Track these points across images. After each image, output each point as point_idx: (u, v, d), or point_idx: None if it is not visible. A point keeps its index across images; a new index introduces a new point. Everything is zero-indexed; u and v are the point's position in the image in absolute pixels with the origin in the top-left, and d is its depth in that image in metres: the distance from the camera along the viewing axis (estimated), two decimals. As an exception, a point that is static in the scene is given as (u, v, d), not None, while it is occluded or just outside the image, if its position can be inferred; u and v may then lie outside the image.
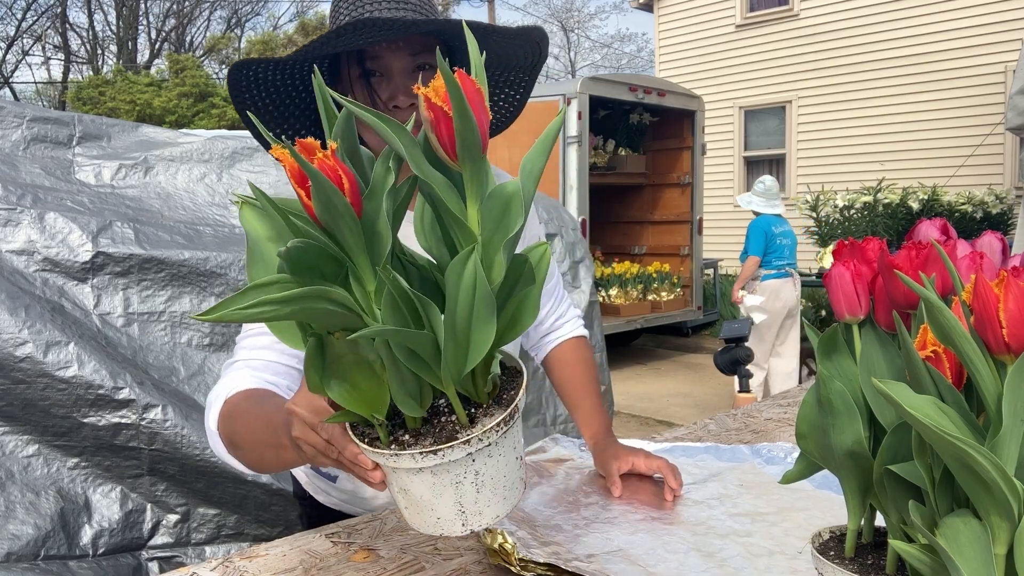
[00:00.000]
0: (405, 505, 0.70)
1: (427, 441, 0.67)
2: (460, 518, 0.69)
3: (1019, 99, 4.30)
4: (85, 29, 25.67)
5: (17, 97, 23.54)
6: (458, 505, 0.68)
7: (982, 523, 0.55)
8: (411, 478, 0.67)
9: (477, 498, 0.68)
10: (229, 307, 0.57)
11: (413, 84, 1.03)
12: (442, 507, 0.68)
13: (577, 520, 1.05)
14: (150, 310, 2.23)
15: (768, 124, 11.53)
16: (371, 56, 1.06)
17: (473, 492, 0.68)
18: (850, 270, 0.69)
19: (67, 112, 2.63)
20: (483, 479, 0.68)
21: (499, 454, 0.68)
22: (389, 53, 1.05)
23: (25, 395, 1.88)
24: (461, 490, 0.67)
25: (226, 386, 0.97)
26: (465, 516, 0.69)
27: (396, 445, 0.68)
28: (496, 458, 0.68)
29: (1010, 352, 0.54)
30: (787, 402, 1.80)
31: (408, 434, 0.69)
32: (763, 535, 1.00)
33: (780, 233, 5.47)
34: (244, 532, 2.11)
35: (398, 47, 1.05)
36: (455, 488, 0.67)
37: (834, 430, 0.67)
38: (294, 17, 25.82)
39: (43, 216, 2.14)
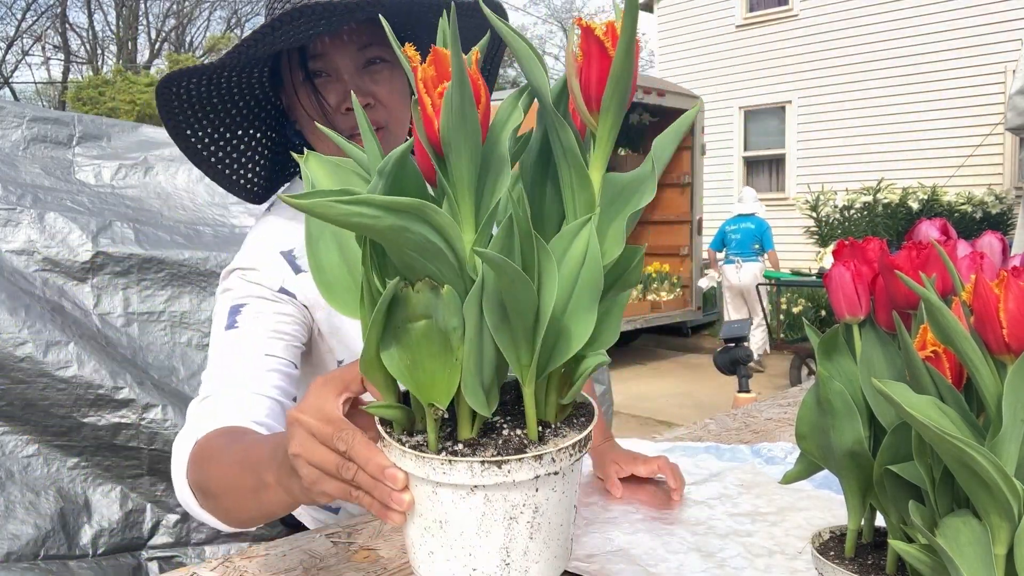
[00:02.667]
0: (430, 549, 0.55)
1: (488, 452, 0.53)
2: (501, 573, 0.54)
3: (1019, 99, 4.30)
4: (85, 29, 25.68)
5: (17, 97, 23.54)
6: (504, 553, 0.54)
7: (982, 523, 0.55)
8: (456, 504, 0.53)
9: (528, 547, 0.55)
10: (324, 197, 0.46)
11: (363, 83, 0.92)
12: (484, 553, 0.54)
13: (577, 520, 1.05)
14: (150, 310, 2.23)
15: (768, 124, 11.53)
16: (314, 55, 0.94)
17: (526, 537, 0.54)
18: (850, 270, 0.69)
19: (67, 112, 2.63)
20: (540, 521, 0.55)
21: (563, 491, 0.56)
22: (334, 49, 0.94)
23: (25, 395, 1.88)
24: (513, 531, 0.54)
25: (196, 427, 0.83)
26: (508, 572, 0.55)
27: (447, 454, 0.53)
28: (559, 495, 0.56)
29: (1010, 352, 0.54)
30: (787, 402, 1.80)
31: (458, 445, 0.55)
32: (763, 535, 1.00)
33: (732, 230, 7.40)
34: (244, 532, 2.11)
35: (342, 42, 0.94)
36: (507, 526, 0.54)
37: (834, 430, 0.67)
38: (294, 17, 25.79)
39: (43, 216, 2.14)
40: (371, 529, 1.07)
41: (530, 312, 0.50)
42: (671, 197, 8.47)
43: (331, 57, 0.95)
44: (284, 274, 0.96)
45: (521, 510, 0.54)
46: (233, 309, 0.92)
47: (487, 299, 0.49)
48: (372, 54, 0.95)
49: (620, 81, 0.50)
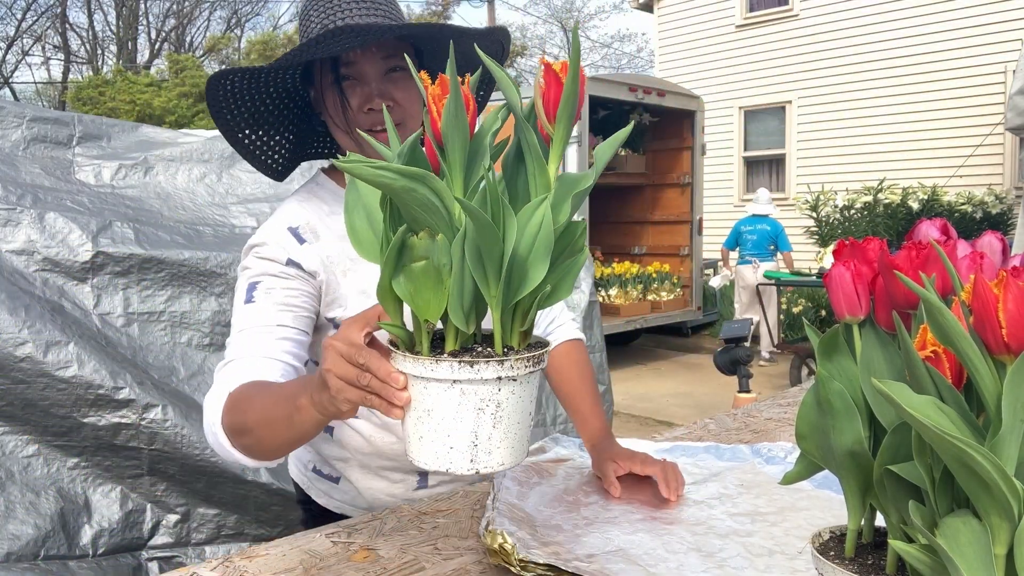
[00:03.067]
0: (420, 434, 0.73)
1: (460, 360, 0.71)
2: (471, 452, 0.72)
3: (1019, 99, 4.30)
4: (85, 29, 25.67)
5: (17, 97, 23.55)
6: (473, 436, 0.72)
7: (982, 523, 0.55)
8: (440, 395, 0.71)
9: (492, 434, 0.72)
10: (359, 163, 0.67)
11: (385, 87, 1.08)
12: (458, 435, 0.72)
13: (577, 520, 1.05)
14: (150, 310, 2.23)
15: (768, 124, 11.53)
16: (345, 62, 1.09)
17: (490, 426, 0.72)
18: (850, 270, 0.69)
19: (67, 112, 2.63)
20: (501, 415, 0.72)
21: (519, 395, 0.73)
22: (362, 59, 1.08)
23: (25, 395, 1.88)
24: (481, 419, 0.72)
25: (226, 382, 0.98)
26: (476, 452, 0.72)
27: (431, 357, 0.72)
28: (517, 397, 0.73)
29: (1010, 352, 0.54)
30: (787, 402, 1.80)
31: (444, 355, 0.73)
32: (763, 535, 1.00)
33: (747, 230, 7.64)
34: (244, 532, 2.11)
35: (371, 52, 1.08)
36: (476, 415, 0.71)
37: (834, 430, 0.67)
38: (294, 17, 25.82)
39: (43, 216, 2.14)
40: (371, 529, 1.07)
41: (497, 254, 0.69)
42: (671, 197, 8.47)
43: (359, 65, 1.09)
44: (290, 246, 1.10)
45: (487, 403, 0.71)
46: (251, 286, 1.08)
47: (468, 244, 0.68)
48: (393, 63, 1.09)
49: (569, 101, 0.71)
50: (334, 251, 1.12)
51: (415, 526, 1.08)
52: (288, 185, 2.75)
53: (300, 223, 1.13)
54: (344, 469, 1.24)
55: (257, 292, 1.07)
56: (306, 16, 1.10)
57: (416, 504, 1.18)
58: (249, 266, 1.11)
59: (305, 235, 1.12)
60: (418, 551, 0.99)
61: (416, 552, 0.99)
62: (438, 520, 1.11)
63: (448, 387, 0.71)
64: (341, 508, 1.27)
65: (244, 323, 1.05)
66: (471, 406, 0.71)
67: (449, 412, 0.71)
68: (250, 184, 2.70)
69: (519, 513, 1.05)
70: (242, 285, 1.09)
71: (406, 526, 1.08)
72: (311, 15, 1.09)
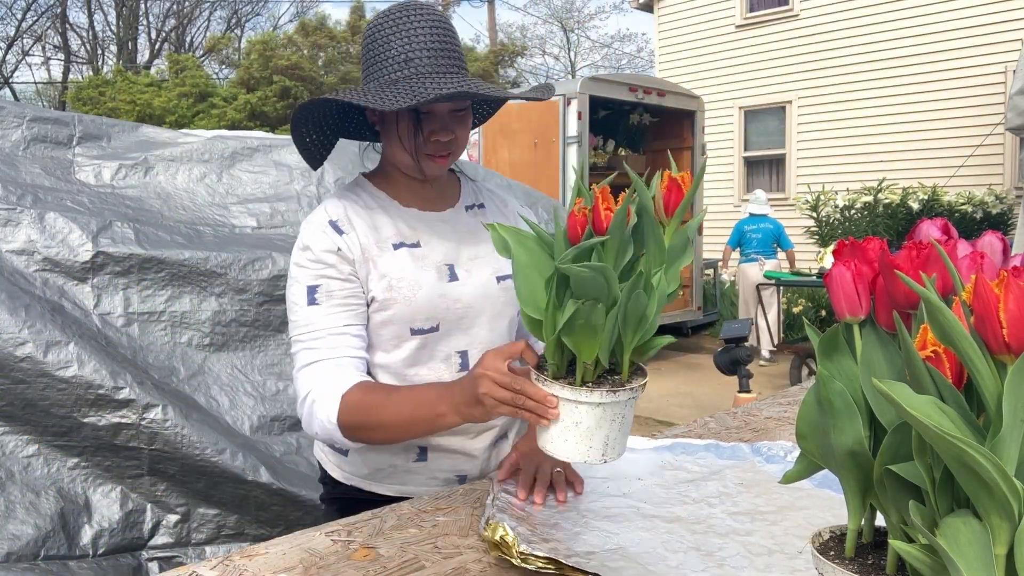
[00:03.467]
0: (566, 438, 0.97)
1: (603, 388, 0.96)
2: (602, 449, 0.97)
3: (1019, 99, 4.30)
4: (85, 29, 25.66)
5: (17, 97, 23.55)
6: (606, 438, 0.97)
7: (982, 523, 0.55)
8: (588, 412, 0.96)
9: (617, 435, 0.98)
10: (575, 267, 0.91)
11: (451, 124, 1.25)
12: (597, 438, 0.97)
13: (576, 518, 1.05)
14: (150, 310, 2.23)
15: (768, 124, 11.53)
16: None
17: (617, 430, 0.98)
18: (851, 270, 0.69)
19: (67, 112, 2.63)
20: (622, 424, 0.98)
21: (630, 409, 0.99)
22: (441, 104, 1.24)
23: (25, 395, 1.88)
24: (612, 426, 0.97)
25: (330, 384, 1.17)
26: (606, 448, 0.98)
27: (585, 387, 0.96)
28: (630, 410, 0.99)
29: (1010, 352, 0.54)
30: (787, 401, 1.80)
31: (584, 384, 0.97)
32: (763, 534, 1.00)
33: (751, 230, 7.86)
34: (244, 532, 2.11)
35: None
36: (609, 424, 0.97)
37: (834, 430, 0.67)
38: (294, 17, 25.81)
39: (43, 216, 2.14)
40: (371, 527, 1.07)
41: (639, 315, 0.95)
42: (671, 197, 8.46)
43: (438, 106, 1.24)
44: (333, 238, 1.24)
45: (618, 415, 0.97)
46: (311, 288, 1.23)
47: (620, 311, 0.93)
48: (460, 106, 1.25)
49: (684, 205, 0.97)
50: (365, 241, 1.26)
51: (415, 524, 1.08)
52: (288, 186, 2.75)
53: (338, 216, 1.27)
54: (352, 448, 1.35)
55: (319, 295, 1.22)
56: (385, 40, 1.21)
57: (416, 502, 1.18)
58: (304, 265, 1.24)
59: (343, 226, 1.26)
60: (418, 549, 0.99)
61: (416, 550, 0.99)
62: (438, 519, 1.11)
63: (595, 407, 0.95)
64: (350, 480, 1.37)
65: (314, 325, 1.22)
66: (608, 419, 0.96)
67: (593, 424, 0.96)
68: (250, 184, 2.70)
69: (519, 512, 1.05)
70: (300, 287, 1.24)
71: (406, 524, 1.08)
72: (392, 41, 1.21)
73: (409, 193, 1.33)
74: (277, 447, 2.25)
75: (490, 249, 1.31)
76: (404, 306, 1.24)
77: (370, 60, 1.23)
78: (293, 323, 1.24)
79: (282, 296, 2.42)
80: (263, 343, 2.38)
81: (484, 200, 1.42)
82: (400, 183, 1.33)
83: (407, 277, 1.25)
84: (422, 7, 1.23)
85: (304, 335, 1.22)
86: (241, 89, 18.17)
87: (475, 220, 1.37)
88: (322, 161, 1.36)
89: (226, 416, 2.21)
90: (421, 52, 1.20)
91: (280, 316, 2.41)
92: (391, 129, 1.24)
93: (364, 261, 1.25)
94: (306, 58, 19.09)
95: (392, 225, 1.29)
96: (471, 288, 1.29)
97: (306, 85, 18.19)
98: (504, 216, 1.41)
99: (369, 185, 1.34)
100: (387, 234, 1.27)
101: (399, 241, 1.28)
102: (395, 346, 1.27)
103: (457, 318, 1.28)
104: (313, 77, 18.60)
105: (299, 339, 1.23)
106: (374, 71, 1.22)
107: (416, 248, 1.28)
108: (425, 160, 1.25)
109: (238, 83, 18.66)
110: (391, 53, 1.20)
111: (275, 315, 2.41)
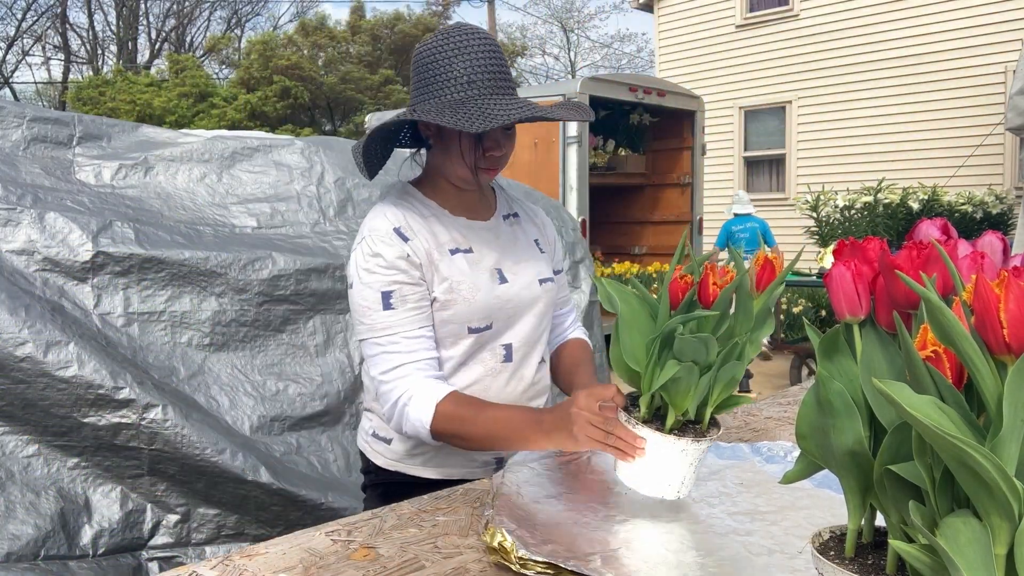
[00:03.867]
0: (648, 474, 1.07)
1: (688, 437, 1.06)
2: (678, 486, 1.08)
3: (1019, 99, 4.30)
4: (85, 29, 25.67)
5: (17, 97, 23.55)
6: (683, 477, 1.07)
7: (982, 523, 0.55)
8: (670, 455, 1.06)
9: (692, 477, 1.08)
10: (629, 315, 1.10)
11: (503, 140, 1.36)
12: (674, 476, 1.07)
13: (577, 519, 1.05)
14: (150, 310, 2.23)
15: (768, 124, 11.53)
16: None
17: (692, 472, 1.08)
18: (851, 270, 0.69)
19: (67, 112, 2.63)
20: (697, 466, 1.08)
21: (705, 453, 1.09)
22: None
23: (25, 395, 1.88)
24: (689, 469, 1.07)
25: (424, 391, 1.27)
26: (681, 487, 1.08)
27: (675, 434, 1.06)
28: (704, 455, 1.09)
29: (1010, 352, 0.54)
30: (787, 401, 1.80)
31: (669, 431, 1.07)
32: (763, 534, 1.00)
33: (739, 230, 8.00)
34: (244, 532, 2.11)
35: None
36: (687, 467, 1.07)
37: (834, 430, 0.67)
38: (294, 17, 25.82)
39: (43, 216, 2.14)
40: (371, 527, 1.07)
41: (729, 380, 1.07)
42: (671, 197, 8.46)
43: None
44: (401, 246, 1.32)
45: (695, 459, 1.07)
46: (386, 294, 1.31)
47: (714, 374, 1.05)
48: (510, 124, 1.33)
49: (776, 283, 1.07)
50: (427, 246, 1.35)
51: (415, 524, 1.08)
52: (288, 186, 2.75)
53: (400, 223, 1.35)
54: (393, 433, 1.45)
55: (394, 299, 1.30)
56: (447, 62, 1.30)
57: (416, 502, 1.18)
58: (374, 271, 1.31)
59: (407, 233, 1.34)
60: (418, 549, 0.99)
61: (416, 550, 0.99)
62: (438, 518, 1.11)
63: (679, 452, 1.06)
64: (392, 464, 1.46)
65: (392, 328, 1.30)
66: (688, 462, 1.07)
67: (673, 465, 1.06)
68: (250, 184, 2.70)
69: (519, 512, 1.05)
70: (373, 292, 1.31)
71: (406, 524, 1.08)
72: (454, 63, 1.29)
73: (456, 202, 1.43)
74: (277, 447, 2.25)
75: (530, 255, 1.47)
76: (464, 307, 1.35)
77: (430, 79, 1.31)
78: (368, 326, 1.31)
79: (282, 296, 2.42)
80: (263, 343, 2.38)
81: (517, 210, 1.54)
82: (448, 193, 1.42)
83: (466, 280, 1.35)
84: (476, 30, 1.33)
85: (383, 338, 1.31)
86: (241, 89, 18.18)
87: (512, 229, 1.49)
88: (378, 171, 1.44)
89: (226, 416, 2.21)
90: (483, 75, 1.30)
91: (280, 316, 2.41)
92: (451, 145, 1.34)
93: (429, 265, 1.34)
94: (306, 58, 19.09)
95: (447, 232, 1.38)
96: (518, 289, 1.41)
97: (306, 85, 18.19)
98: (535, 225, 1.55)
99: (419, 194, 1.42)
100: (444, 240, 1.37)
101: (455, 247, 1.38)
102: (452, 344, 1.37)
103: (507, 317, 1.40)
104: (313, 77, 18.61)
105: (377, 342, 1.31)
106: (434, 90, 1.30)
107: (470, 254, 1.39)
108: (480, 173, 1.36)
109: (238, 83, 18.67)
110: (454, 74, 1.29)
111: (275, 315, 2.41)
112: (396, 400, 1.30)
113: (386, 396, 1.31)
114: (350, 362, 2.50)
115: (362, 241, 1.35)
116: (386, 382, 1.31)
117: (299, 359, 2.42)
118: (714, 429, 1.10)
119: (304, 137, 3.04)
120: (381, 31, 20.73)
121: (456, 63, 1.29)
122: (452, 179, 1.38)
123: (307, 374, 2.41)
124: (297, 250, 2.51)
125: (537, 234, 1.53)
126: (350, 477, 2.31)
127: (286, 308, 2.42)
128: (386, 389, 1.31)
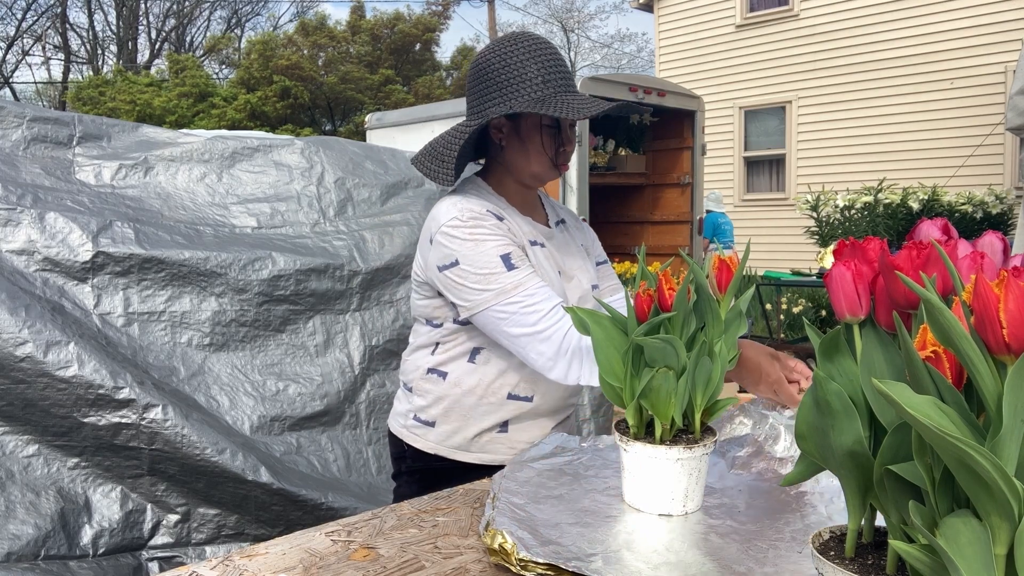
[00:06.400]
0: (649, 491, 1.06)
1: (680, 445, 1.05)
2: (682, 500, 1.06)
3: (1019, 99, 4.30)
4: (85, 29, 25.69)
5: (17, 97, 23.55)
6: (685, 490, 1.06)
7: (982, 523, 0.55)
8: (667, 467, 1.05)
9: (695, 488, 1.07)
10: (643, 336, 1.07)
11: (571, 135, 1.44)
12: (675, 490, 1.06)
13: (577, 519, 1.05)
14: (150, 310, 2.23)
15: (768, 124, 11.53)
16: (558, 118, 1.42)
17: (693, 484, 1.07)
18: (851, 270, 0.69)
19: (67, 112, 2.63)
20: (698, 477, 1.07)
21: (704, 464, 1.08)
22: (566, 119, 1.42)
23: (25, 395, 1.88)
24: (689, 479, 1.06)
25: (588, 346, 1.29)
26: (686, 500, 1.07)
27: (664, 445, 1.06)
28: (704, 465, 1.08)
29: (1010, 352, 0.54)
30: (787, 402, 1.79)
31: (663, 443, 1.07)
32: (764, 534, 1.00)
33: (723, 222, 8.63)
34: (244, 532, 2.11)
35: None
36: (686, 477, 1.06)
37: (833, 430, 0.67)
38: (294, 17, 25.82)
39: (43, 216, 2.14)
40: (371, 527, 1.07)
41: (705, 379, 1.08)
42: (671, 197, 8.47)
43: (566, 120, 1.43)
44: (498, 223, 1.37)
45: (693, 469, 1.06)
46: (504, 257, 1.34)
47: (689, 376, 1.06)
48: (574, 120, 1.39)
49: (735, 283, 1.09)
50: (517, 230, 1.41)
51: (415, 524, 1.08)
52: (288, 186, 2.75)
53: (490, 207, 1.40)
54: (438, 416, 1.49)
55: (514, 260, 1.34)
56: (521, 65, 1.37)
57: (416, 502, 1.18)
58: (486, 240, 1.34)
59: (499, 214, 1.40)
60: (418, 549, 0.99)
61: (416, 551, 0.99)
62: (438, 519, 1.11)
63: (674, 462, 1.05)
64: (435, 449, 1.48)
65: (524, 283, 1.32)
66: (685, 472, 1.05)
67: (672, 478, 1.05)
68: (250, 184, 2.70)
69: (519, 512, 1.05)
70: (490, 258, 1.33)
71: (406, 524, 1.08)
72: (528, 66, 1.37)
73: (520, 201, 1.49)
74: (277, 447, 2.25)
75: (582, 260, 1.54)
76: None
77: (503, 83, 1.37)
78: (495, 291, 1.32)
79: (282, 296, 2.42)
80: (263, 343, 2.38)
81: (563, 216, 1.62)
82: (513, 192, 1.48)
83: (547, 270, 1.43)
84: (537, 36, 1.42)
85: (517, 296, 1.32)
86: (241, 89, 18.18)
87: (564, 235, 1.56)
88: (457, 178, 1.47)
89: (226, 416, 2.21)
90: (555, 75, 1.38)
91: (280, 316, 2.41)
92: (530, 142, 1.41)
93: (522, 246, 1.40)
94: (306, 58, 19.09)
95: (524, 225, 1.44)
96: (578, 291, 1.50)
97: (306, 85, 18.19)
98: (580, 230, 1.62)
99: (486, 184, 1.48)
100: (525, 231, 1.43)
101: (533, 239, 1.44)
102: None
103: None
104: (313, 77, 18.61)
105: (511, 302, 1.32)
106: (511, 91, 1.36)
107: (544, 248, 1.46)
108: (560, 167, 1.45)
109: (238, 83, 18.67)
110: (529, 75, 1.36)
111: (275, 315, 2.41)
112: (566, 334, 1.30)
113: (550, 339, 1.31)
114: (350, 362, 2.50)
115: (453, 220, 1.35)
116: (542, 330, 1.31)
117: (299, 359, 2.42)
118: (708, 436, 1.10)
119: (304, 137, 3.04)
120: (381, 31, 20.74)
121: (529, 65, 1.37)
122: (524, 177, 1.44)
123: (307, 374, 2.41)
124: (297, 250, 2.52)
125: (583, 239, 1.60)
126: (350, 477, 2.31)
127: (286, 308, 2.42)
128: (548, 334, 1.31)
